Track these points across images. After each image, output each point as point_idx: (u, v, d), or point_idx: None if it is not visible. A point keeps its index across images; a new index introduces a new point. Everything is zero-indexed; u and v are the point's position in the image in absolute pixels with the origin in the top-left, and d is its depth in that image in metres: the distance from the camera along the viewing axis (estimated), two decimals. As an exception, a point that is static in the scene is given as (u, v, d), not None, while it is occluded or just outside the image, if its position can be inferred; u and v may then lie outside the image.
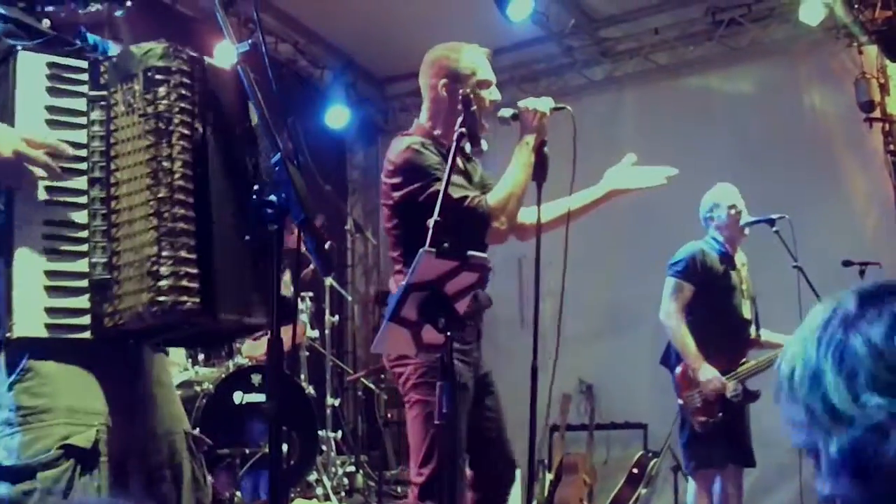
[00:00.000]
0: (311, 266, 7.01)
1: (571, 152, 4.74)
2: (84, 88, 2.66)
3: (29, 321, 2.40)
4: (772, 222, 6.55)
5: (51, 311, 2.43)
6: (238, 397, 6.68)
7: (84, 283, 2.51)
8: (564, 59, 11.20)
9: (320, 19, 10.83)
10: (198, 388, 6.65)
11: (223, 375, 6.73)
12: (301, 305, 7.29)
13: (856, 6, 9.02)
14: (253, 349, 7.19)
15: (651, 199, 9.38)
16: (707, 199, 6.84)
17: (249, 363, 6.96)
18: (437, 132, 4.64)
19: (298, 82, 11.17)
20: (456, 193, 4.20)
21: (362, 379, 9.15)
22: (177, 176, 2.57)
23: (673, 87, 10.58)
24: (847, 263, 7.22)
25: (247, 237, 2.65)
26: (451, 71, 4.82)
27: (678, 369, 6.46)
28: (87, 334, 2.48)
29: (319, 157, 2.38)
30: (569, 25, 10.63)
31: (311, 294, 7.95)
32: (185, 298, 2.51)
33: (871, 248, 8.11)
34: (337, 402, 8.36)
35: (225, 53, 9.01)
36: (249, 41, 2.54)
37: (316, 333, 8.22)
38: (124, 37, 3.17)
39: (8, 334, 2.38)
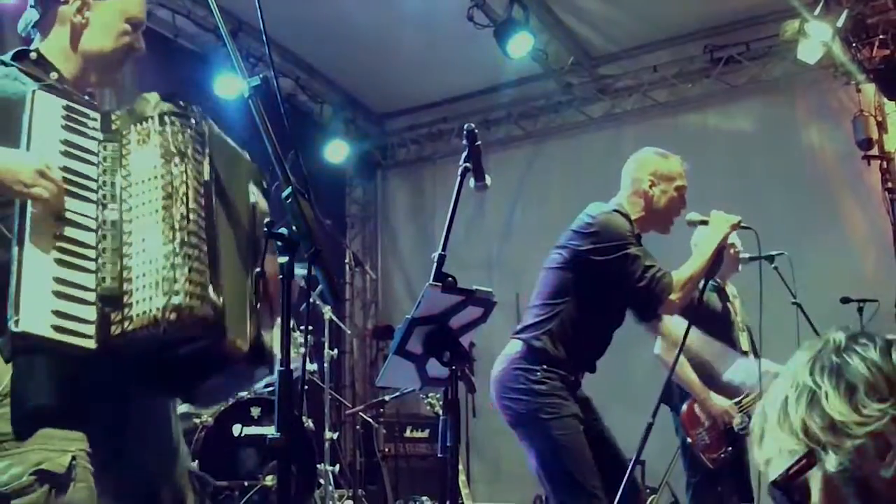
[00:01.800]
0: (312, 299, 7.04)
1: (573, 185, 4.83)
2: (97, 133, 2.75)
3: (35, 319, 2.39)
4: (771, 259, 6.55)
5: (58, 313, 2.43)
6: (237, 430, 6.68)
7: (92, 296, 2.52)
8: (563, 96, 11.26)
9: (320, 55, 10.90)
10: (197, 420, 6.64)
11: (222, 407, 6.72)
12: (299, 339, 7.27)
13: (853, 45, 9.08)
14: (252, 382, 7.18)
15: (650, 234, 9.43)
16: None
17: (248, 395, 6.95)
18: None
19: (298, 117, 11.22)
20: (646, 262, 4.76)
21: (361, 413, 9.13)
22: (191, 196, 2.64)
23: (672, 125, 10.62)
24: (846, 300, 7.24)
25: (256, 269, 2.68)
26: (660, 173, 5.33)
27: (683, 407, 6.42)
28: (90, 343, 2.46)
29: (319, 192, 2.42)
30: (568, 63, 10.70)
31: (310, 327, 7.95)
32: (199, 304, 2.53)
33: (870, 285, 8.13)
34: (335, 436, 8.33)
35: (226, 86, 9.00)
36: (261, 76, 2.57)
37: (314, 367, 8.21)
38: (125, 68, 3.24)
39: (13, 327, 2.36)
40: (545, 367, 4.74)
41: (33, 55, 2.96)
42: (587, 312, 4.88)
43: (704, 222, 5.05)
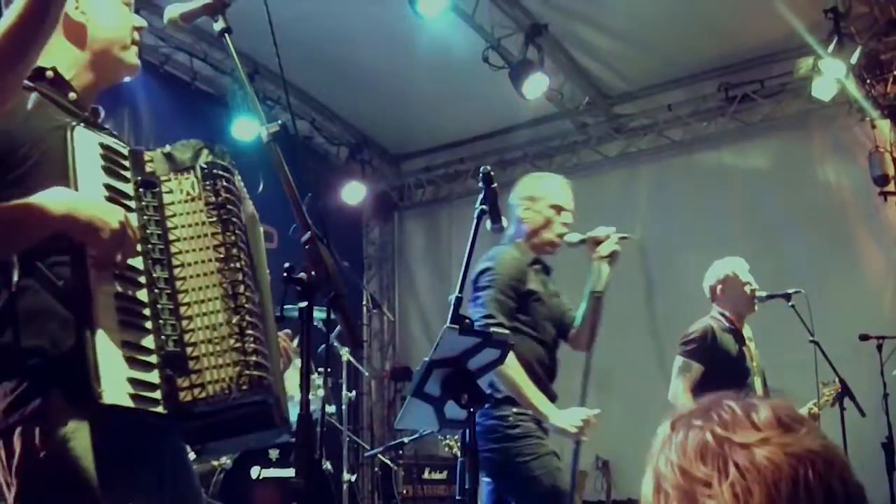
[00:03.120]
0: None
1: (589, 224, 4.86)
2: (129, 174, 2.69)
3: (116, 389, 2.37)
4: (788, 297, 6.55)
5: (133, 381, 2.42)
6: (255, 472, 6.67)
7: (153, 358, 2.50)
8: (579, 136, 11.30)
9: (336, 97, 10.96)
10: (215, 463, 6.63)
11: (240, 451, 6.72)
12: (318, 381, 7.26)
13: (867, 81, 9.09)
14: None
15: (666, 273, 9.42)
16: (717, 271, 6.77)
17: (267, 438, 6.94)
18: None
19: (315, 158, 11.27)
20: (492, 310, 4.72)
21: (379, 455, 9.11)
22: (244, 262, 2.69)
23: (687, 163, 10.63)
24: (864, 337, 7.21)
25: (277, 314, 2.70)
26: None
27: None
28: (160, 408, 2.45)
29: (335, 233, 2.42)
30: (583, 102, 10.73)
31: (328, 369, 7.95)
32: (264, 375, 2.58)
33: (888, 321, 8.10)
34: (353, 478, 8.31)
35: (243, 130, 9.07)
36: (279, 122, 2.58)
37: (333, 409, 8.20)
38: (143, 112, 3.24)
39: (99, 400, 2.34)
40: (514, 410, 4.72)
41: (49, 73, 2.77)
42: (519, 340, 4.76)
43: (583, 241, 5.00)
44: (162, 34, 8.75)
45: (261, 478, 6.70)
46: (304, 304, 2.42)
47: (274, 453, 6.80)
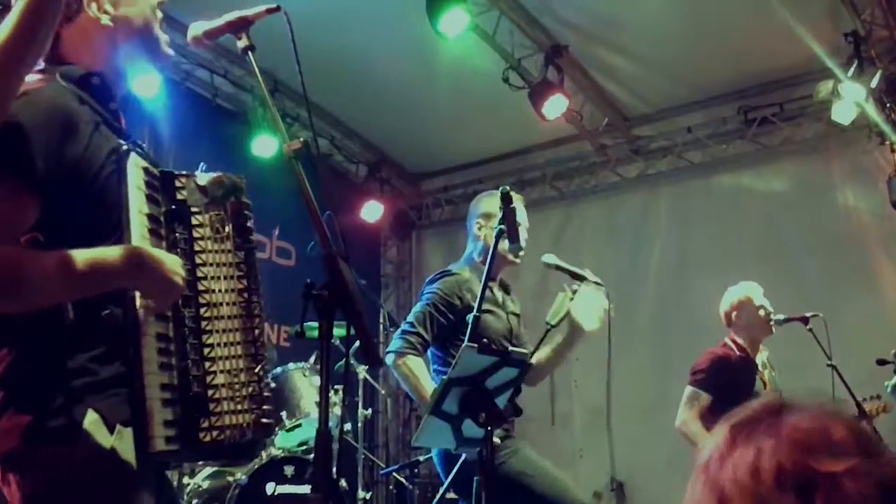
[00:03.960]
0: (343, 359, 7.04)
1: (607, 246, 4.85)
2: (160, 197, 2.65)
3: (160, 435, 2.43)
4: (806, 321, 6.53)
5: (166, 423, 2.46)
6: (270, 488, 6.67)
7: (175, 395, 2.52)
8: (598, 157, 11.29)
9: (356, 115, 11.00)
10: (230, 479, 6.63)
11: (256, 466, 6.71)
12: (334, 398, 7.27)
13: (887, 105, 9.08)
14: (286, 440, 7.19)
15: (682, 295, 9.41)
16: (731, 297, 6.78)
17: (283, 454, 6.94)
18: None
19: (333, 177, 11.30)
20: (415, 327, 4.86)
21: (395, 473, 9.11)
22: (262, 307, 2.72)
23: (705, 185, 10.62)
24: (882, 362, 7.17)
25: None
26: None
27: None
28: (175, 446, 2.48)
29: (353, 251, 2.44)
30: (602, 124, 10.75)
31: (342, 387, 7.96)
32: (273, 421, 2.70)
33: (906, 347, 8.07)
34: (368, 496, 8.30)
35: (263, 147, 9.13)
36: (302, 139, 2.59)
37: (348, 426, 8.21)
38: (164, 128, 3.25)
39: (152, 450, 2.42)
40: None
41: (96, 80, 2.67)
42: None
43: (559, 269, 4.93)
44: (183, 50, 8.79)
45: (276, 494, 6.69)
46: (323, 320, 2.44)
47: (289, 469, 6.79)
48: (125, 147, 2.56)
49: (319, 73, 8.66)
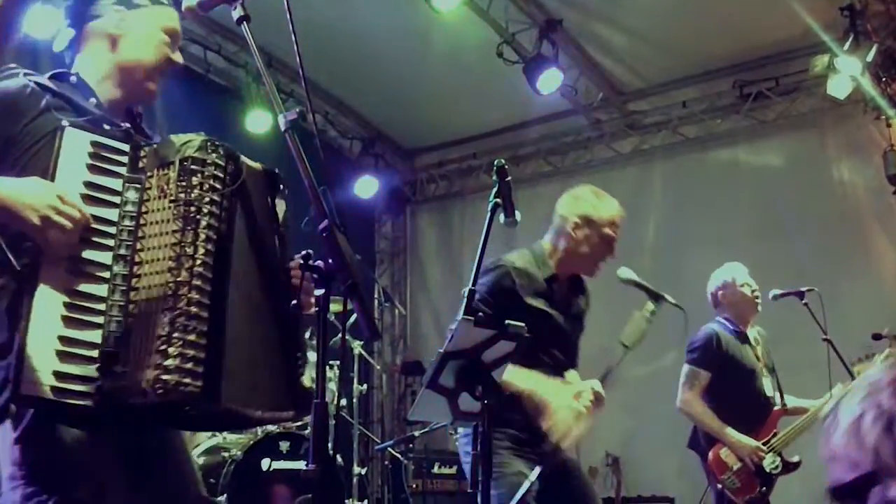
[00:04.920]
0: (339, 335, 7.04)
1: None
2: (122, 170, 2.73)
3: (35, 382, 2.46)
4: (801, 295, 6.53)
5: (59, 375, 2.49)
6: (266, 464, 6.67)
7: (94, 353, 2.55)
8: (592, 132, 11.28)
9: (350, 91, 10.97)
10: (225, 454, 6.62)
11: (251, 442, 6.70)
12: (329, 374, 7.26)
13: (883, 79, 9.06)
14: (282, 416, 7.19)
15: (677, 270, 9.40)
16: (716, 278, 6.79)
17: (278, 430, 6.94)
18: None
19: (328, 152, 11.26)
20: None
21: (389, 448, 9.12)
22: (198, 262, 2.62)
23: (701, 160, 10.62)
24: (877, 336, 7.17)
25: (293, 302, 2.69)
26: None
27: (710, 455, 6.39)
28: (89, 402, 2.51)
29: (348, 228, 2.44)
30: (597, 99, 10.74)
31: (338, 363, 7.95)
32: (188, 381, 2.53)
33: (901, 320, 8.07)
34: (363, 471, 8.32)
35: (257, 122, 9.09)
36: (297, 109, 2.57)
37: (343, 402, 8.21)
38: (157, 105, 3.27)
39: (16, 391, 2.45)
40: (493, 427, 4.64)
41: (73, 79, 2.98)
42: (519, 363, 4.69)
43: (637, 285, 4.77)
44: (176, 25, 8.73)
45: (271, 470, 6.69)
46: (320, 291, 2.42)
47: (284, 445, 6.80)
48: (65, 124, 2.68)
49: (313, 49, 8.62)
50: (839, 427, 1.61)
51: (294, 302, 2.68)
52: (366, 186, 11.44)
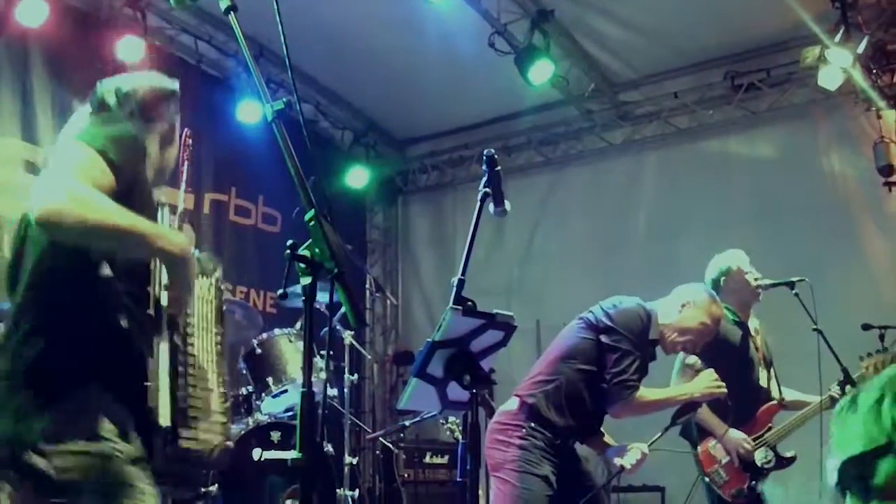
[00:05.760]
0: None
1: (593, 211, 4.84)
2: None
3: (164, 416, 2.94)
4: (791, 285, 6.52)
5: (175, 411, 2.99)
6: (257, 454, 6.67)
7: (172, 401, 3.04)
8: (584, 123, 11.28)
9: (341, 81, 10.95)
10: (215, 443, 6.62)
11: (242, 432, 6.72)
12: (319, 363, 7.26)
13: (874, 71, 9.08)
14: (272, 406, 7.20)
15: (669, 261, 9.42)
16: (718, 265, 6.76)
17: (269, 420, 6.95)
18: None
19: (319, 142, 11.26)
20: (631, 369, 5.16)
21: (381, 438, 9.13)
22: (227, 354, 3.36)
23: (692, 151, 10.63)
24: (867, 327, 7.18)
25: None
26: None
27: (700, 447, 6.39)
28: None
29: (339, 218, 2.50)
30: (588, 89, 10.73)
31: (330, 352, 7.95)
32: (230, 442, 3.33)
33: (891, 311, 8.06)
34: (355, 461, 8.32)
35: (248, 112, 9.07)
36: (284, 99, 2.58)
37: (334, 392, 8.20)
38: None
39: (159, 422, 2.92)
40: (532, 425, 4.97)
41: None
42: (582, 384, 5.14)
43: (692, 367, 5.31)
44: (168, 16, 8.73)
45: (262, 460, 6.70)
46: (307, 280, 2.43)
47: (275, 435, 6.81)
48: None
49: (305, 39, 8.63)
50: (859, 409, 1.78)
51: None
52: (357, 177, 11.45)
